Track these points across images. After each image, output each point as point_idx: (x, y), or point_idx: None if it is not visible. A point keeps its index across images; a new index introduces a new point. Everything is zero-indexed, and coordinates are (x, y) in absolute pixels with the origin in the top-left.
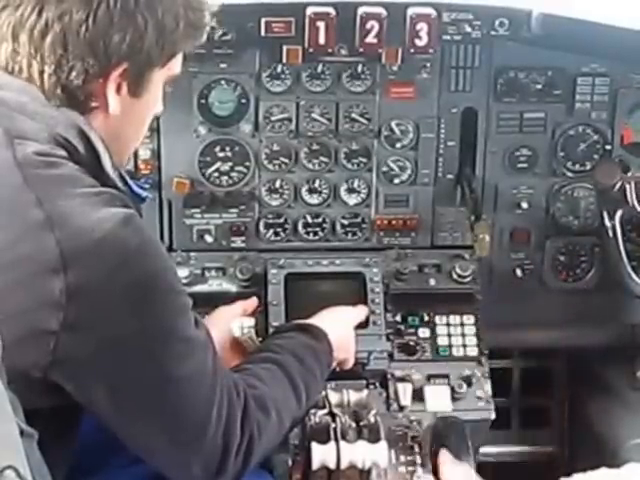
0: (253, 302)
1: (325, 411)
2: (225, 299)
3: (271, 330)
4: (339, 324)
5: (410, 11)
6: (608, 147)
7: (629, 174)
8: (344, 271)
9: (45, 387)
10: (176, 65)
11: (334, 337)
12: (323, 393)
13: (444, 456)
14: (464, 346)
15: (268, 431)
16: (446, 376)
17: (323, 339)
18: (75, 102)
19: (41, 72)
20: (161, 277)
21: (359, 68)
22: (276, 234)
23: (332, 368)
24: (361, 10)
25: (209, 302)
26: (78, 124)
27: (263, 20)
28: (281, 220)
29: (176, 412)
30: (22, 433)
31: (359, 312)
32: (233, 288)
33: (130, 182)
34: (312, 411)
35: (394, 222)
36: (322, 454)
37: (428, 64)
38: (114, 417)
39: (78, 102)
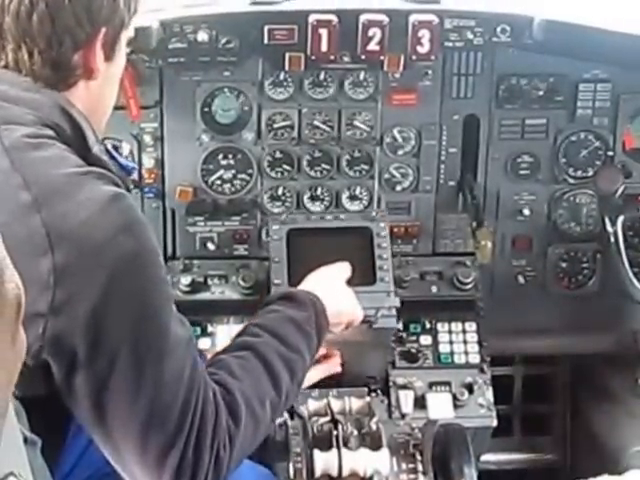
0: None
1: (327, 418)
2: (227, 307)
3: (273, 289)
4: (329, 286)
5: (412, 18)
6: (610, 153)
7: None
8: (349, 226)
9: (36, 374)
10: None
11: (328, 301)
12: (325, 401)
13: None
14: (466, 353)
15: (238, 442)
16: (448, 383)
17: (308, 307)
18: (62, 77)
19: (30, 53)
20: (147, 259)
21: (361, 75)
22: None
23: (340, 330)
24: (363, 17)
25: (211, 309)
26: (60, 103)
27: (266, 28)
28: None
29: (149, 413)
30: (26, 440)
31: (342, 268)
32: (235, 296)
33: (116, 155)
34: (314, 418)
35: (396, 229)
36: (324, 461)
37: (430, 71)
38: (90, 412)
39: (64, 77)
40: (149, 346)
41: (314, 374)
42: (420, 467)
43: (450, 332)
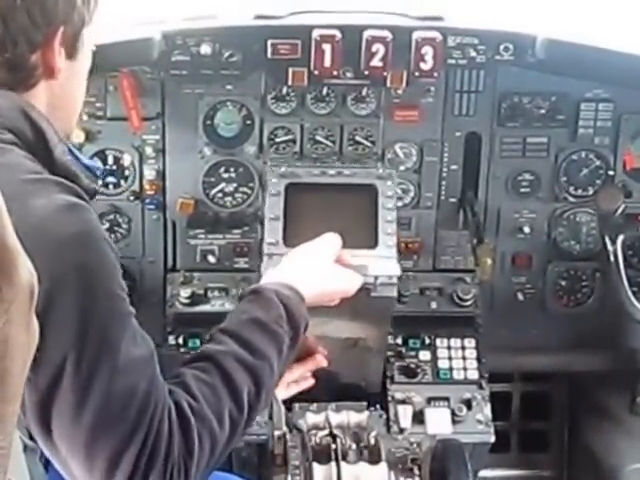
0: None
1: (326, 432)
2: None
3: (265, 248)
4: (312, 265)
5: (416, 35)
6: (610, 172)
7: None
8: (354, 183)
9: None
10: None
11: (310, 282)
12: (323, 414)
13: None
14: (465, 369)
15: (193, 465)
16: (446, 399)
17: (275, 303)
18: (20, 79)
19: None
20: (99, 274)
21: (364, 91)
22: None
23: (332, 305)
24: (367, 33)
25: (211, 322)
26: (20, 105)
27: (269, 42)
28: None
29: (93, 431)
30: (25, 448)
31: (329, 241)
32: None
33: (80, 155)
34: (313, 432)
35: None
36: (323, 475)
37: (432, 88)
38: (36, 425)
39: (23, 78)
40: (95, 362)
41: (296, 372)
42: None
43: (449, 348)
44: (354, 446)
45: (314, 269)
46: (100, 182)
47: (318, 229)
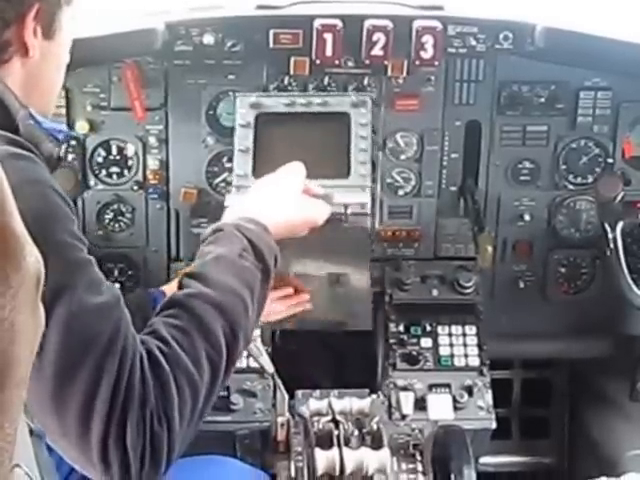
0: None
1: (328, 418)
2: None
3: (235, 180)
4: (275, 195)
5: (416, 24)
6: (610, 160)
7: None
8: (325, 111)
9: None
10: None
11: (275, 213)
12: (326, 401)
13: None
14: (466, 356)
15: (175, 412)
16: (448, 385)
17: (237, 238)
18: None
19: None
20: (46, 223)
21: (365, 80)
22: None
23: (306, 232)
24: (368, 22)
25: None
26: None
27: (271, 32)
28: None
29: (57, 382)
30: (31, 432)
31: (293, 169)
32: None
33: (41, 120)
34: (315, 418)
35: (398, 233)
36: (325, 460)
37: (433, 77)
38: None
39: None
40: (48, 311)
41: (278, 308)
42: (420, 467)
43: (450, 335)
44: (356, 432)
45: (277, 199)
46: (64, 146)
47: (289, 160)
